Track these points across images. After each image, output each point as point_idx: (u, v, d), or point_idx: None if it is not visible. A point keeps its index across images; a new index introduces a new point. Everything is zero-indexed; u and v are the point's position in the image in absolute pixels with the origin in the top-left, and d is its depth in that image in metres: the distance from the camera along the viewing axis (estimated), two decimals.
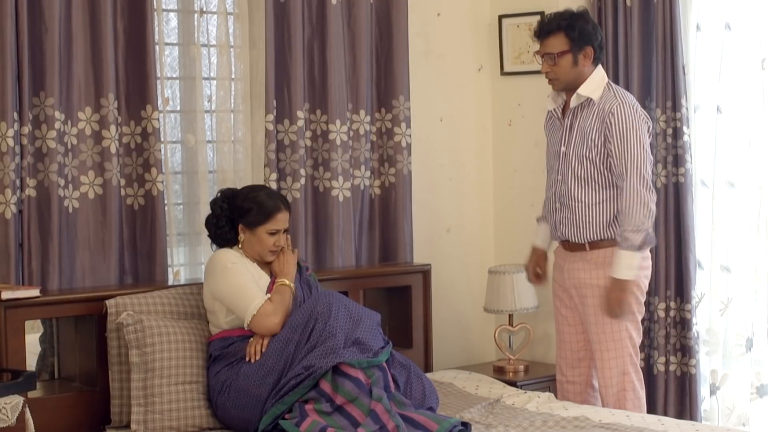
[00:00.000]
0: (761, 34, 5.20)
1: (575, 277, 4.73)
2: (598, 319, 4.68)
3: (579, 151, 4.66)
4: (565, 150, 4.70)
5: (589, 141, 4.63)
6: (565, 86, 4.71)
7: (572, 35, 4.63)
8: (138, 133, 4.79)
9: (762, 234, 5.25)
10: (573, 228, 4.70)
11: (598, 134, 4.61)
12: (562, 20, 4.67)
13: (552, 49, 4.66)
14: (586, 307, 4.71)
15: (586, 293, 4.70)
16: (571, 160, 4.68)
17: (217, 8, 5.03)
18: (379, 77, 5.43)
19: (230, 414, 4.29)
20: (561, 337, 4.90)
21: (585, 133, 4.64)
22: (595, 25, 4.72)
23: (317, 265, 5.22)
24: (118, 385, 4.42)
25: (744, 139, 5.29)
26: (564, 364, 4.91)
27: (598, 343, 4.70)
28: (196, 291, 4.60)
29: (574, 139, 4.67)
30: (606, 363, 4.69)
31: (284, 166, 5.13)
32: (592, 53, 4.66)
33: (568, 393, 4.88)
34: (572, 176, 4.68)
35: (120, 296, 4.47)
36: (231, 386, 4.28)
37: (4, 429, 3.82)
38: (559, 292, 4.86)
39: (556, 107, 4.79)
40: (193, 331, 4.43)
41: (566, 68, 4.65)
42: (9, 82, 4.42)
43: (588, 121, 4.64)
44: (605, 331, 4.67)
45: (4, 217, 4.45)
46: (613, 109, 4.58)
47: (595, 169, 4.64)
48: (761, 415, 5.29)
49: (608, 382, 4.69)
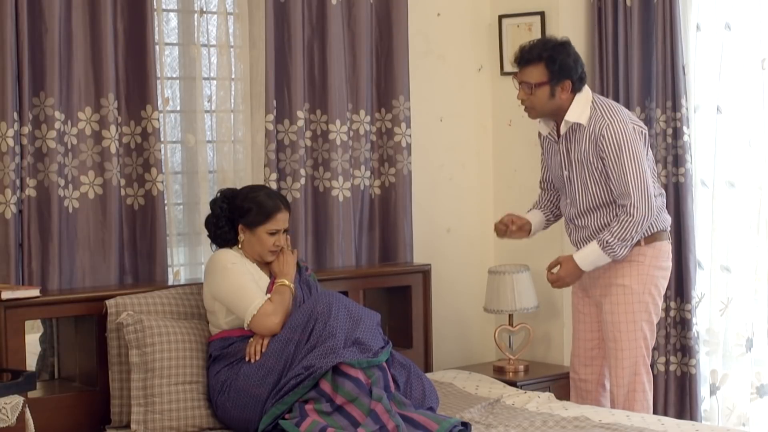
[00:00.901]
0: (761, 34, 5.20)
1: (594, 276, 4.75)
2: (614, 318, 4.69)
3: (581, 175, 4.68)
4: (568, 174, 4.73)
5: (587, 165, 4.65)
6: (540, 116, 4.72)
7: (552, 68, 4.61)
8: (138, 133, 4.79)
9: (762, 234, 5.25)
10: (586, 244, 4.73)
11: (595, 157, 4.62)
12: (543, 51, 4.63)
13: (530, 79, 4.64)
14: (604, 306, 4.73)
15: (604, 292, 4.74)
16: (575, 185, 4.71)
17: (217, 8, 5.03)
18: (379, 77, 5.43)
19: (230, 414, 4.29)
20: (576, 335, 4.92)
21: (582, 157, 4.66)
22: (576, 57, 4.68)
23: (317, 265, 5.22)
24: (118, 385, 4.42)
25: (744, 139, 5.30)
26: (577, 362, 4.92)
27: (613, 342, 4.71)
28: (196, 291, 4.60)
29: (574, 165, 4.70)
30: (620, 362, 4.70)
31: (284, 166, 5.13)
32: (570, 86, 4.64)
33: (580, 391, 4.90)
34: (579, 200, 4.71)
35: (120, 296, 4.47)
36: (231, 386, 4.28)
37: (4, 429, 3.82)
38: (578, 290, 4.89)
39: (550, 131, 4.79)
40: (193, 331, 4.43)
41: (543, 99, 4.64)
42: (9, 82, 4.42)
43: (582, 145, 4.65)
44: (621, 330, 4.68)
45: (4, 217, 4.45)
46: (603, 131, 4.58)
47: (599, 190, 4.66)
48: (761, 415, 5.29)
49: (620, 381, 4.70)
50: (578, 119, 4.64)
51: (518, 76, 4.70)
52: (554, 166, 4.82)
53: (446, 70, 5.80)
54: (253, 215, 4.46)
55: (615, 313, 4.69)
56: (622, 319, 4.68)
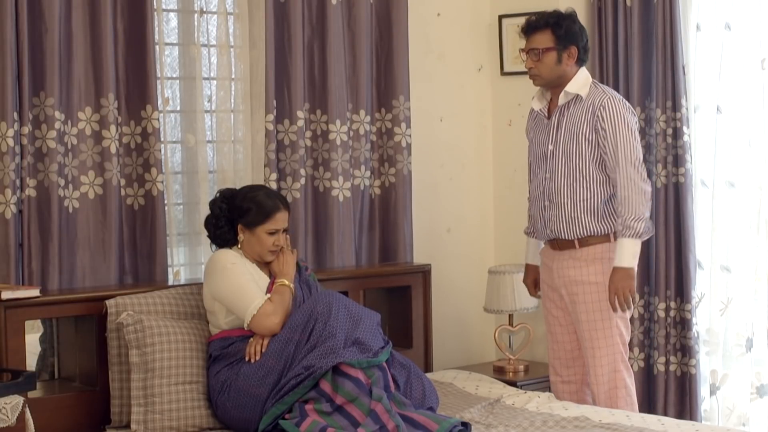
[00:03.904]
0: (761, 34, 5.20)
1: (565, 276, 4.74)
2: (590, 317, 4.69)
3: (567, 147, 4.68)
4: (553, 148, 4.72)
5: (579, 136, 4.66)
6: (546, 83, 4.75)
7: (558, 33, 4.68)
8: (138, 133, 4.79)
9: (762, 234, 5.25)
10: (563, 224, 4.71)
11: (590, 128, 4.64)
12: (549, 18, 4.72)
13: (537, 45, 4.70)
14: (577, 305, 4.71)
15: (576, 291, 4.71)
16: (558, 158, 4.71)
17: (217, 8, 5.03)
18: (379, 77, 5.43)
19: (230, 414, 4.29)
20: (554, 338, 4.91)
21: (574, 129, 4.67)
22: (581, 26, 4.75)
23: (317, 265, 5.22)
24: (118, 385, 4.42)
25: (744, 139, 5.29)
26: (558, 364, 4.91)
27: (590, 341, 4.70)
28: (196, 291, 4.60)
29: (562, 137, 4.70)
30: (597, 361, 4.70)
31: (284, 166, 5.13)
32: (576, 53, 4.69)
33: (564, 393, 4.89)
34: (560, 173, 4.71)
35: (120, 296, 4.47)
36: (231, 386, 4.28)
37: (4, 429, 3.82)
38: (549, 292, 4.87)
39: (542, 107, 4.81)
40: (193, 331, 4.43)
41: (550, 65, 4.69)
42: (9, 82, 4.42)
43: (577, 117, 4.67)
44: (596, 329, 4.68)
45: (4, 217, 4.45)
46: (603, 103, 4.63)
47: (583, 164, 4.67)
48: (761, 415, 5.29)
49: (600, 379, 4.70)
50: (579, 91, 4.68)
51: (526, 45, 4.75)
52: (537, 144, 4.82)
53: (446, 70, 5.80)
54: (252, 215, 4.46)
55: (589, 312, 4.69)
56: (597, 317, 4.68)
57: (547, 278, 4.85)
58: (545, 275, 4.87)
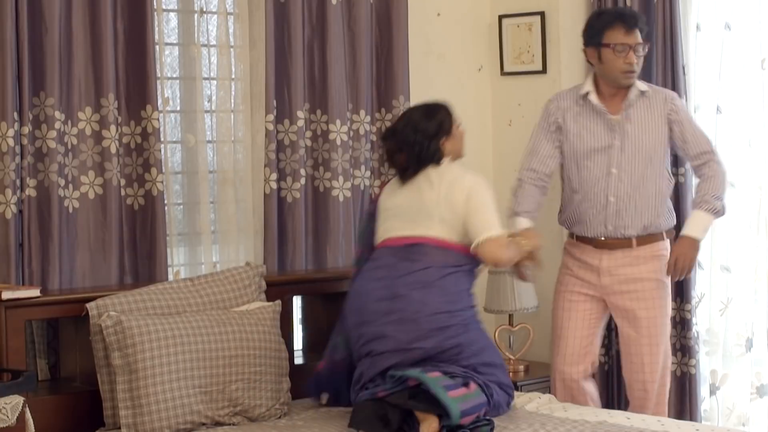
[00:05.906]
0: (761, 34, 5.20)
1: (621, 274, 4.75)
2: (650, 313, 4.72)
3: (637, 142, 4.72)
4: (620, 144, 4.73)
5: (653, 131, 4.72)
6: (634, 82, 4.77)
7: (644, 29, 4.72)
8: (138, 133, 4.79)
9: (762, 234, 5.25)
10: (626, 220, 4.73)
11: (664, 121, 4.72)
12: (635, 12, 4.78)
13: (641, 40, 4.69)
14: (636, 302, 4.74)
15: (636, 288, 4.75)
16: (629, 153, 4.72)
17: (217, 8, 5.03)
18: (379, 77, 5.42)
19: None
20: (566, 333, 4.89)
21: (645, 123, 4.72)
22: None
23: (317, 265, 5.22)
24: (108, 387, 4.34)
25: (744, 139, 5.30)
26: (562, 361, 4.91)
27: (649, 338, 4.72)
28: (183, 285, 4.56)
29: (634, 131, 4.73)
30: (655, 357, 4.73)
31: (284, 166, 5.13)
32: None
33: (570, 390, 4.89)
34: (631, 169, 4.73)
35: (101, 298, 4.39)
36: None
37: (4, 429, 3.82)
38: (576, 287, 4.86)
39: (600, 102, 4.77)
40: (182, 326, 4.35)
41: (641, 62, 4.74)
42: (9, 82, 4.43)
43: (649, 111, 4.73)
44: (656, 325, 4.72)
45: (4, 217, 4.45)
46: (672, 96, 4.76)
47: (657, 159, 4.74)
48: (761, 415, 5.29)
49: (655, 377, 4.76)
50: (644, 88, 4.75)
51: (631, 39, 4.67)
52: (591, 138, 4.77)
53: (446, 70, 5.80)
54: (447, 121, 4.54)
55: (649, 308, 4.72)
56: (659, 314, 4.73)
57: (584, 274, 4.84)
58: (579, 271, 4.85)
